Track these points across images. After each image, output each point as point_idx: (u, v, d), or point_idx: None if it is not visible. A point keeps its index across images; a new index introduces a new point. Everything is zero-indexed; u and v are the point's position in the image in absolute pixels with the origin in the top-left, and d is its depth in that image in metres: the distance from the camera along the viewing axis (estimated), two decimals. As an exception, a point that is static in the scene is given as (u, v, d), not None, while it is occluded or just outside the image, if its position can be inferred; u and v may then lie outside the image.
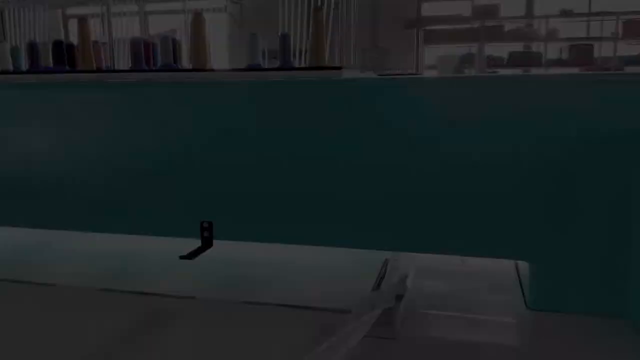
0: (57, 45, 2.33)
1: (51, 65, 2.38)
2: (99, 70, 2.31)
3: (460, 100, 1.79)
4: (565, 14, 7.11)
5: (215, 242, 2.10)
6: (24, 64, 2.62)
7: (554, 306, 1.75)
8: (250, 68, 2.03)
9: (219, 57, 6.24)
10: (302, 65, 5.70)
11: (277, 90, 1.94)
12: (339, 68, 1.92)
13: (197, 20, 2.08)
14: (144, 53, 2.24)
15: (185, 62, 2.64)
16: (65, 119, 2.17)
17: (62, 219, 2.27)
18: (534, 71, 7.61)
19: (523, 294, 1.91)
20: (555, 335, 1.65)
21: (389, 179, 1.85)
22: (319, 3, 5.55)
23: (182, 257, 1.99)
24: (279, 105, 1.93)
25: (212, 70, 2.13)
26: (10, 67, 2.58)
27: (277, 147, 1.93)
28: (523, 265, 1.97)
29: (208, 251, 2.09)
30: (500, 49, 7.95)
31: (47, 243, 2.49)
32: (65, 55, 2.33)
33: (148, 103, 2.07)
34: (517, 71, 7.74)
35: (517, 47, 8.03)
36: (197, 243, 2.08)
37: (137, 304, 1.85)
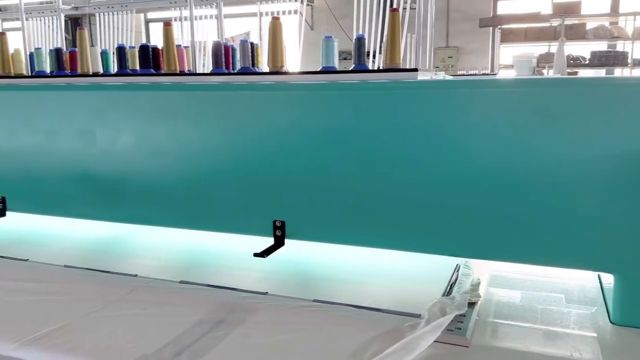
0: (144, 49, 2.46)
1: (137, 68, 2.52)
2: (181, 73, 2.42)
3: (541, 103, 1.72)
4: (656, 10, 6.66)
5: (287, 241, 2.15)
6: (113, 67, 2.79)
7: (641, 323, 1.65)
8: (326, 70, 2.05)
9: (290, 59, 6.35)
10: (375, 67, 5.70)
11: (351, 93, 1.95)
12: (415, 70, 1.90)
13: (275, 25, 2.13)
14: (224, 56, 2.32)
15: (263, 65, 2.71)
16: (148, 119, 2.29)
17: (142, 214, 2.40)
18: (619, 72, 7.17)
19: (607, 308, 1.81)
20: (641, 354, 1.55)
21: (466, 183, 1.81)
22: (395, 4, 5.52)
23: (256, 255, 2.05)
24: (354, 108, 1.94)
25: (288, 73, 2.17)
26: (101, 70, 2.76)
27: (351, 150, 1.94)
28: (607, 277, 1.87)
29: (280, 250, 2.14)
30: (582, 48, 7.55)
31: (128, 235, 2.64)
32: (150, 59, 2.46)
33: (226, 105, 2.15)
34: (600, 72, 7.32)
35: (601, 46, 7.60)
36: (270, 242, 2.14)
37: (213, 297, 1.92)
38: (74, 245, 2.56)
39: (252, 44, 2.37)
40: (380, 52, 5.81)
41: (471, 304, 1.78)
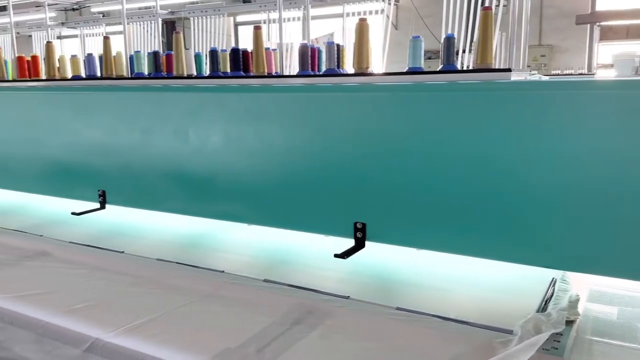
0: (235, 52, 2.55)
1: (228, 70, 2.61)
2: (269, 75, 2.48)
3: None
4: None
5: (367, 243, 2.13)
6: (205, 70, 2.90)
7: None
8: (413, 71, 2.01)
9: (373, 59, 6.32)
10: (461, 66, 5.52)
11: (440, 94, 1.90)
12: (508, 70, 1.81)
13: (362, 26, 2.12)
14: (310, 58, 2.34)
15: (347, 67, 2.71)
16: (238, 120, 2.37)
17: (230, 211, 2.48)
18: None
19: None
20: None
21: (565, 191, 1.69)
22: (487, 2, 5.32)
23: (336, 256, 2.05)
24: (442, 109, 1.89)
25: (374, 74, 2.15)
26: (194, 72, 2.88)
27: (438, 152, 1.89)
28: None
29: (361, 252, 2.13)
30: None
31: (216, 231, 2.74)
32: (240, 61, 2.54)
33: (312, 107, 2.17)
34: None
35: None
36: (350, 243, 2.13)
37: (294, 297, 1.95)
38: (165, 238, 2.70)
39: (338, 45, 2.37)
40: (466, 51, 5.63)
41: (569, 322, 1.66)
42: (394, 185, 2.00)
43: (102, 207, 2.82)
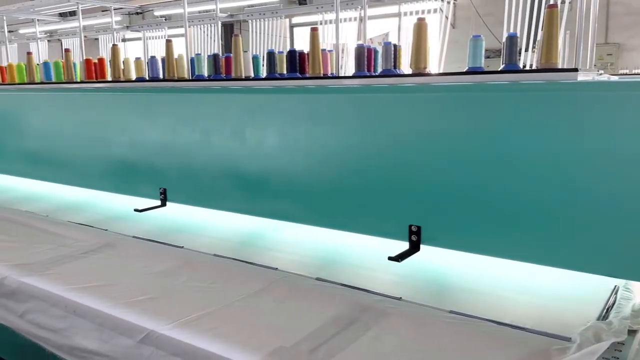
0: (291, 53, 2.58)
1: (285, 72, 2.65)
2: (325, 76, 2.49)
3: None
4: None
5: (422, 247, 2.10)
6: (263, 71, 2.96)
7: None
8: (474, 71, 1.96)
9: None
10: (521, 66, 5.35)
11: (502, 95, 1.84)
12: (575, 70, 1.73)
13: (421, 26, 2.09)
14: (366, 59, 2.34)
15: (404, 67, 2.69)
16: (294, 121, 2.39)
17: (284, 211, 2.51)
18: None
19: None
20: None
21: (635, 200, 1.61)
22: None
23: (390, 259, 2.04)
24: (504, 110, 1.83)
25: (432, 74, 2.12)
26: (252, 74, 2.94)
27: (499, 155, 1.83)
28: None
29: (415, 255, 2.10)
30: None
31: (271, 229, 2.78)
32: (297, 63, 2.57)
33: (368, 108, 2.16)
34: None
35: None
36: (405, 246, 2.11)
37: (346, 296, 1.95)
38: (222, 236, 2.77)
39: (395, 45, 2.35)
40: (529, 50, 5.44)
41: (631, 332, 1.58)
42: (451, 188, 1.96)
43: (163, 204, 2.93)
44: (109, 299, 1.94)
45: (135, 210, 2.91)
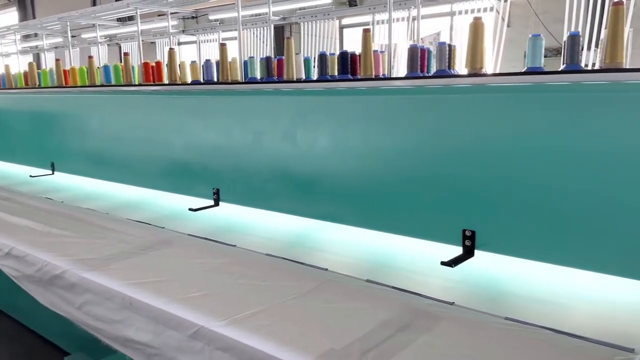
0: (343, 55, 2.58)
1: (336, 74, 2.65)
2: (377, 77, 2.48)
3: None
4: None
5: (477, 252, 2.05)
6: (314, 73, 2.97)
7: None
8: (533, 71, 1.90)
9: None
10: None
11: (564, 96, 1.77)
12: (643, 70, 1.65)
13: (477, 25, 2.05)
14: (419, 59, 2.31)
15: (458, 67, 2.63)
16: (345, 123, 2.39)
17: (334, 213, 2.52)
18: None
19: None
20: None
21: None
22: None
23: (443, 263, 2.00)
24: (566, 112, 1.76)
25: (488, 75, 2.06)
26: (303, 76, 2.96)
27: (558, 159, 1.77)
28: None
29: (468, 260, 2.06)
30: None
31: (321, 230, 2.78)
32: (348, 64, 2.56)
33: (421, 109, 2.14)
34: None
35: None
36: (458, 251, 2.07)
37: (398, 299, 1.92)
38: (273, 235, 2.80)
39: (449, 45, 2.31)
40: (588, 49, 5.22)
41: None
42: (507, 191, 1.91)
43: (216, 204, 2.99)
44: (163, 294, 1.99)
45: (190, 209, 2.98)
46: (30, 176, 4.28)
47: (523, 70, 1.96)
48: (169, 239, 2.72)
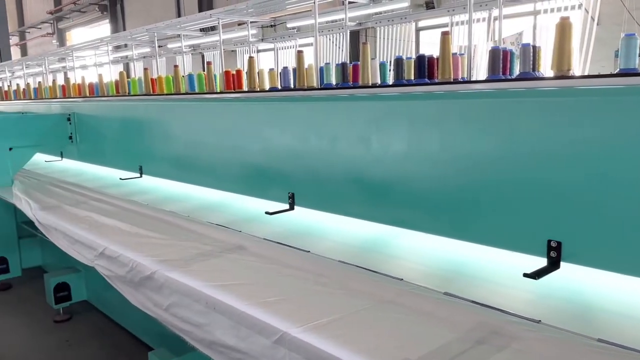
0: (420, 59, 2.53)
1: (412, 78, 2.61)
2: (455, 81, 2.41)
3: None
4: None
5: (563, 264, 1.93)
6: (390, 78, 2.94)
7: None
8: (627, 73, 1.77)
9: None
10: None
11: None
12: None
13: (564, 25, 1.93)
14: (501, 62, 2.22)
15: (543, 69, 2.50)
16: (421, 128, 2.34)
17: (410, 220, 2.47)
18: None
19: None
20: None
21: None
22: None
23: (526, 275, 1.90)
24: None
25: (576, 77, 1.95)
26: (379, 81, 2.94)
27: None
28: None
29: (554, 273, 1.94)
30: None
31: (395, 237, 2.74)
32: (425, 68, 2.51)
33: (503, 113, 2.05)
34: None
35: None
36: (542, 262, 1.96)
37: (476, 314, 1.85)
38: (347, 241, 2.79)
39: (533, 47, 2.20)
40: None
41: None
42: (598, 200, 1.78)
43: (292, 208, 3.04)
44: (245, 298, 2.03)
45: (266, 213, 3.05)
46: (120, 179, 4.56)
47: (615, 72, 1.83)
48: (245, 243, 2.79)
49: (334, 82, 3.07)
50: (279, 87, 3.43)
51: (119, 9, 19.04)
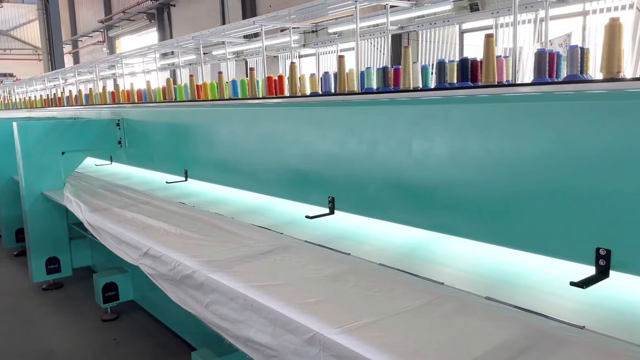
0: (463, 62, 2.50)
1: (455, 82, 2.58)
2: (499, 84, 2.37)
3: None
4: None
5: (612, 272, 1.87)
6: (432, 81, 2.92)
7: None
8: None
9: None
10: None
11: None
12: None
13: (614, 26, 1.87)
14: (548, 64, 2.17)
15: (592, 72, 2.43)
16: (463, 132, 2.31)
17: (451, 225, 2.44)
18: None
19: None
20: None
21: None
22: None
23: (573, 284, 1.85)
24: None
25: (626, 79, 1.88)
26: (420, 85, 2.92)
27: None
28: None
29: (603, 282, 1.88)
30: None
31: (436, 241, 2.71)
32: (469, 71, 2.48)
33: (549, 117, 2.00)
34: None
35: None
36: (590, 271, 1.90)
37: (520, 319, 1.81)
38: (387, 246, 2.78)
39: (582, 49, 2.14)
40: None
41: None
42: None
43: (332, 212, 3.05)
44: (282, 298, 2.06)
45: (307, 217, 3.07)
46: (167, 182, 4.70)
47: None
48: (286, 245, 2.82)
49: (374, 86, 3.07)
50: (320, 92, 3.45)
51: (166, 17, 19.63)
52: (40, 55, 22.71)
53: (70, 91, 8.33)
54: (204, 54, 6.01)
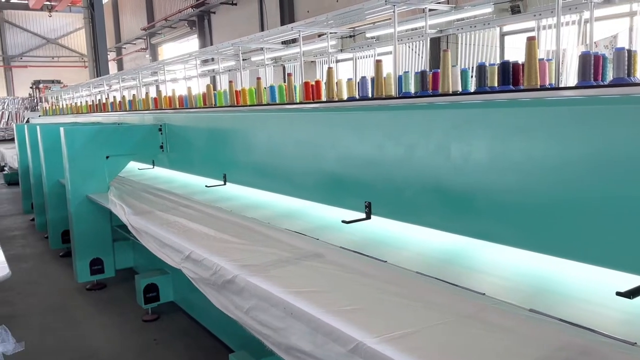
0: (504, 65, 2.45)
1: (496, 85, 2.52)
2: (542, 88, 2.31)
3: None
4: None
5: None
6: (471, 85, 2.87)
7: None
8: None
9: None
10: None
11: None
12: None
13: (665, 26, 1.80)
14: (592, 67, 2.10)
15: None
16: (504, 136, 2.26)
17: (492, 232, 2.39)
18: None
19: None
20: None
21: None
22: None
23: (619, 294, 1.78)
24: None
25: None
26: (460, 88, 2.87)
27: None
28: None
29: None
30: None
31: (476, 249, 2.65)
32: (510, 75, 2.42)
33: (593, 121, 1.93)
34: None
35: None
36: (637, 280, 1.82)
37: (564, 333, 1.75)
38: (425, 252, 2.74)
39: (629, 51, 2.06)
40: None
41: None
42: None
43: (368, 217, 3.03)
44: (321, 305, 2.05)
45: (343, 222, 3.07)
46: (206, 186, 4.78)
47: None
48: (322, 251, 2.82)
49: (412, 90, 3.04)
50: (357, 97, 3.45)
51: (206, 24, 20.03)
52: (86, 62, 23.54)
53: (114, 97, 8.60)
54: (243, 60, 6.10)
